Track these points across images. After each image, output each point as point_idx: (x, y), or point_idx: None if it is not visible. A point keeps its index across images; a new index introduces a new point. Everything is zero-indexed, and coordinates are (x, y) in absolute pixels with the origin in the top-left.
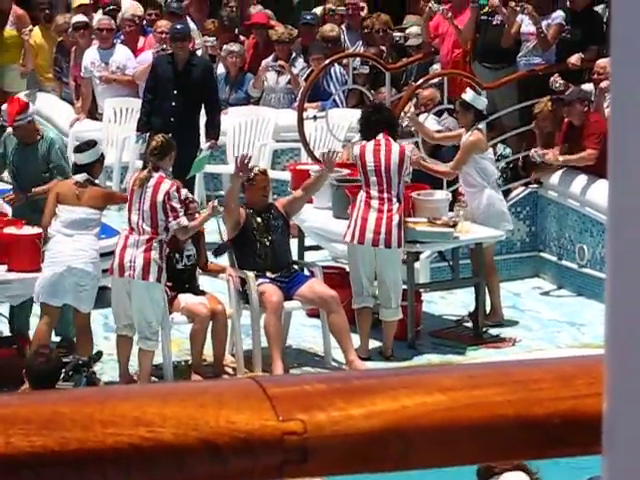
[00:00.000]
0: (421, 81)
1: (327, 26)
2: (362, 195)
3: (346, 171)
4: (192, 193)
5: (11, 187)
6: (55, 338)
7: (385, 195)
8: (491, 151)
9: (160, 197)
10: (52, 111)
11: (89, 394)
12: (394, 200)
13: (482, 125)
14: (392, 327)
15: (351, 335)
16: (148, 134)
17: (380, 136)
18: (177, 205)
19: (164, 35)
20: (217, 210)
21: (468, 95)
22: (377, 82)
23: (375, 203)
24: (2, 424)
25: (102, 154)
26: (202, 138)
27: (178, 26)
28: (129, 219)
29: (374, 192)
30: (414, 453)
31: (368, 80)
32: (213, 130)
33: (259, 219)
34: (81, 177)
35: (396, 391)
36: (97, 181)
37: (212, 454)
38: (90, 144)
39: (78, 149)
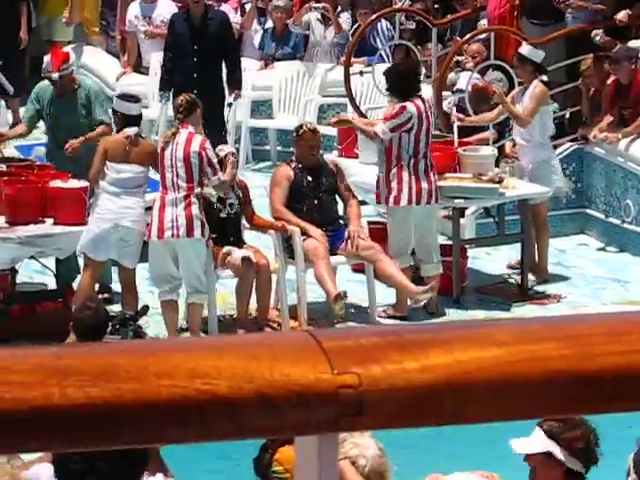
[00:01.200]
0: (468, 36)
1: None
2: (408, 158)
3: None
4: (226, 140)
5: (45, 141)
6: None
7: (429, 155)
8: (553, 106)
9: (194, 150)
10: (98, 65)
11: (143, 346)
12: (430, 156)
13: (545, 77)
14: (436, 282)
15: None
16: (172, 92)
17: (420, 94)
18: (214, 160)
19: None
20: (236, 163)
21: (524, 48)
22: (423, 38)
23: (422, 162)
24: (57, 375)
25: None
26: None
27: None
28: (162, 179)
29: (422, 153)
30: (469, 407)
31: (414, 35)
32: (235, 82)
33: (309, 177)
34: (132, 131)
35: (450, 345)
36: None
37: (267, 407)
38: (136, 97)
39: (130, 99)
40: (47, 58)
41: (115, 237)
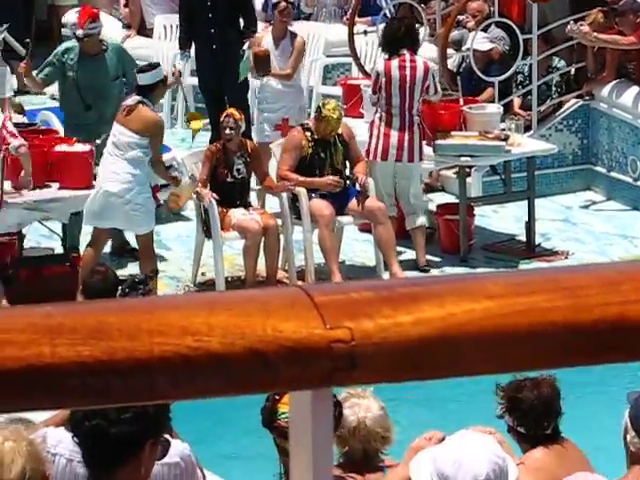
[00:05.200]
0: None
1: None
2: (381, 112)
3: None
4: (246, 98)
5: (59, 103)
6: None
7: (406, 112)
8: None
9: None
10: (103, 28)
11: (135, 304)
12: (415, 116)
13: None
14: (421, 234)
15: (396, 248)
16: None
17: (404, 51)
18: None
19: None
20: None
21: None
22: None
23: (397, 120)
24: (48, 334)
25: (165, 76)
26: None
27: None
28: None
29: (396, 109)
30: (463, 360)
31: None
32: (249, 31)
33: (322, 154)
34: (132, 100)
35: (442, 298)
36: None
37: (260, 363)
38: (153, 65)
39: (140, 70)
40: (73, 16)
41: (107, 204)
